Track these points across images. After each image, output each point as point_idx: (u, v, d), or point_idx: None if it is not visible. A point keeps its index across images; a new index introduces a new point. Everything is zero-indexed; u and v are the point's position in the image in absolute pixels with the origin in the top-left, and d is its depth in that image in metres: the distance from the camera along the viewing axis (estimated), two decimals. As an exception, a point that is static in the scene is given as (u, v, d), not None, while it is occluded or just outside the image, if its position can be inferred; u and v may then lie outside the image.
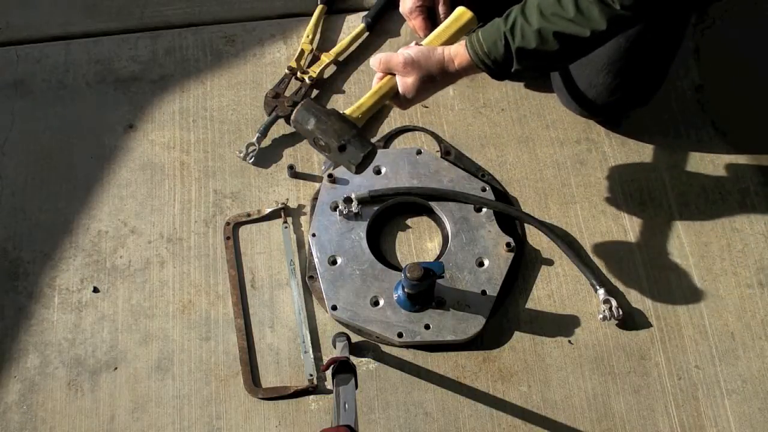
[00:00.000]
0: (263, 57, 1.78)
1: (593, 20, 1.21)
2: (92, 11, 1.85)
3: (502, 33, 1.26)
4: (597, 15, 1.20)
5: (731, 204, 1.60)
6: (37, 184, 1.64)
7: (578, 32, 1.23)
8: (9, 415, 1.43)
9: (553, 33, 1.23)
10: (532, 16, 1.24)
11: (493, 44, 1.27)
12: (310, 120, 1.26)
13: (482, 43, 1.28)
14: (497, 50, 1.27)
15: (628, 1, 1.18)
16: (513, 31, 1.26)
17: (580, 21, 1.22)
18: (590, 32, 1.22)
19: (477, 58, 1.29)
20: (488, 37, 1.28)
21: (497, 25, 1.28)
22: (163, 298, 1.53)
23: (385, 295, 1.48)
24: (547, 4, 1.24)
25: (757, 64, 1.75)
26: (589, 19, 1.21)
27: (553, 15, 1.23)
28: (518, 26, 1.25)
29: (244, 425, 1.42)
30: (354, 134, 1.24)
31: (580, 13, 1.21)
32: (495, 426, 1.41)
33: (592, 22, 1.21)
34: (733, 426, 1.41)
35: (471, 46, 1.30)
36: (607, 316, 1.46)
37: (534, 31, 1.24)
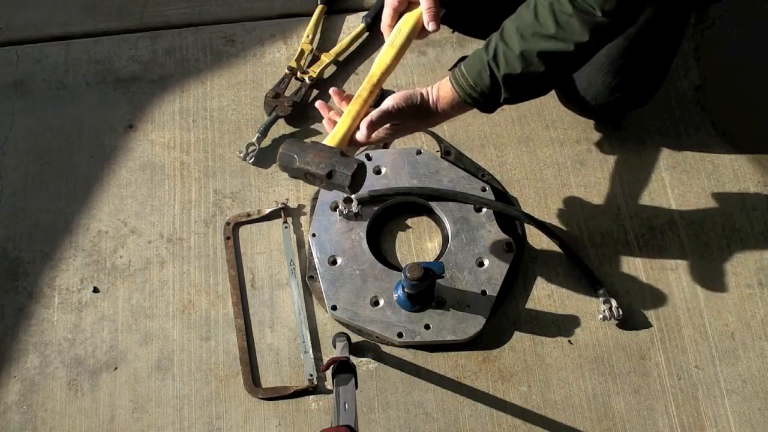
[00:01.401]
0: (263, 57, 1.78)
1: (575, 33, 1.18)
2: (92, 11, 1.85)
3: (486, 63, 1.23)
4: (578, 27, 1.17)
5: (731, 204, 1.60)
6: (37, 184, 1.64)
7: (561, 48, 1.19)
8: (9, 415, 1.43)
9: (537, 53, 1.20)
10: (512, 39, 1.21)
11: (478, 76, 1.24)
12: (293, 159, 1.27)
13: (466, 77, 1.25)
14: (483, 81, 1.24)
15: (609, 6, 1.15)
16: (496, 58, 1.22)
17: (562, 36, 1.19)
18: (574, 45, 1.19)
19: (464, 93, 1.26)
20: (472, 69, 1.25)
21: (479, 55, 1.25)
22: (163, 298, 1.53)
23: (385, 295, 1.48)
24: (526, 24, 1.21)
25: (757, 64, 1.75)
26: (570, 32, 1.18)
27: (533, 35, 1.20)
28: (500, 53, 1.22)
29: (244, 425, 1.42)
30: (337, 159, 1.24)
31: (561, 27, 1.18)
32: (495, 426, 1.41)
33: (574, 34, 1.18)
34: (733, 426, 1.41)
35: (456, 82, 1.26)
36: (607, 316, 1.46)
37: (517, 56, 1.21)
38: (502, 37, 1.23)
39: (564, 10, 1.18)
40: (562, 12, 1.18)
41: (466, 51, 1.77)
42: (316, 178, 1.27)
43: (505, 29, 1.24)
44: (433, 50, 1.78)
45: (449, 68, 1.30)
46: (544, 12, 1.20)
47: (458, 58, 1.31)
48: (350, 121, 1.32)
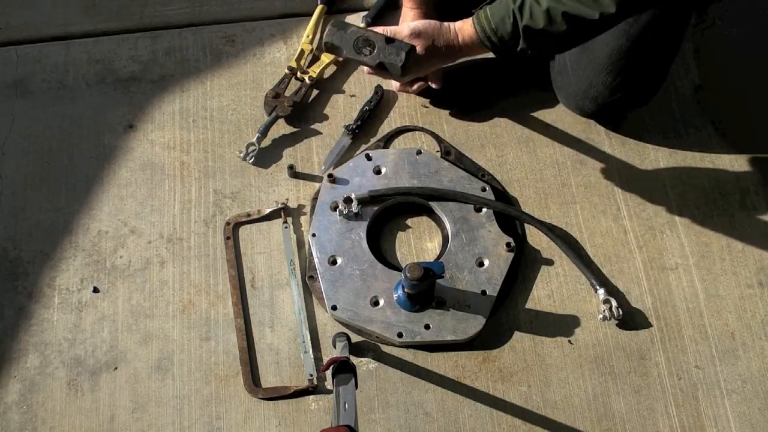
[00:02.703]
0: (263, 57, 1.78)
1: (603, 2, 1.22)
2: (92, 11, 1.85)
3: (510, 10, 1.27)
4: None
5: (731, 204, 1.60)
6: (37, 184, 1.64)
7: (587, 14, 1.23)
8: (9, 415, 1.43)
9: (562, 13, 1.24)
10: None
11: (501, 21, 1.27)
12: (349, 27, 1.39)
13: (490, 20, 1.28)
14: (504, 27, 1.27)
15: None
16: (522, 8, 1.26)
17: (590, 3, 1.22)
18: (599, 15, 1.23)
19: (483, 34, 1.29)
20: (496, 14, 1.28)
21: (506, 2, 1.28)
22: (163, 298, 1.53)
23: (385, 295, 1.48)
24: None
25: (757, 64, 1.75)
26: (599, 1, 1.22)
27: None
28: (527, 4, 1.26)
29: (244, 425, 1.42)
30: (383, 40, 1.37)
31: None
32: (495, 426, 1.41)
33: (602, 4, 1.22)
34: (733, 426, 1.41)
35: (478, 22, 1.30)
36: (607, 316, 1.46)
37: (543, 11, 1.24)
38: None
39: None
40: None
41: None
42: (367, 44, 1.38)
43: None
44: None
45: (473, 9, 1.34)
46: None
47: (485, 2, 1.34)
48: None
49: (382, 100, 1.71)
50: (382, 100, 1.71)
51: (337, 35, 1.40)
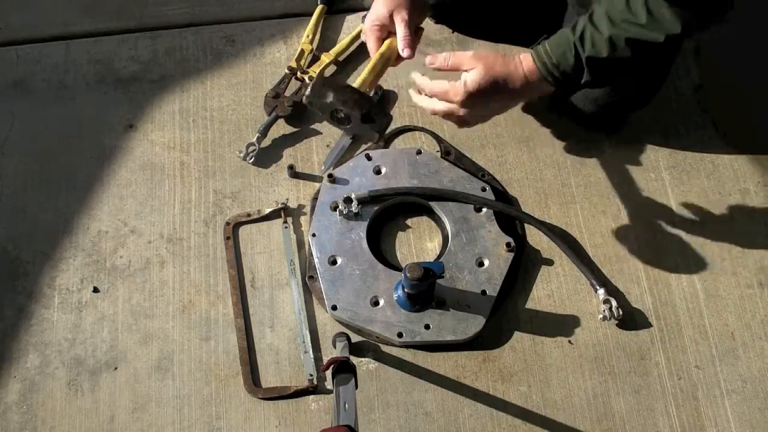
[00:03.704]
0: (263, 57, 1.78)
1: (667, 24, 1.18)
2: (92, 11, 1.85)
3: (571, 43, 1.22)
4: (671, 18, 1.18)
5: (731, 204, 1.60)
6: (37, 184, 1.64)
7: (652, 38, 1.19)
8: (9, 415, 1.43)
9: (626, 40, 1.20)
10: (601, 23, 1.21)
11: (562, 55, 1.23)
12: (328, 94, 1.28)
13: (550, 55, 1.23)
14: (566, 61, 1.23)
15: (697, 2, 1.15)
16: (582, 39, 1.22)
17: (654, 26, 1.19)
18: (665, 37, 1.19)
19: (545, 70, 1.24)
20: (556, 48, 1.23)
21: (565, 35, 1.24)
22: (163, 298, 1.53)
23: (385, 295, 1.48)
24: (617, 11, 1.21)
25: (757, 64, 1.75)
26: (663, 23, 1.18)
27: (623, 21, 1.19)
28: (588, 35, 1.21)
29: (244, 425, 1.42)
30: (373, 104, 1.29)
31: (653, 17, 1.18)
32: (495, 426, 1.41)
33: (666, 26, 1.18)
34: (733, 426, 1.41)
35: (538, 58, 1.25)
36: (607, 316, 1.46)
37: (605, 39, 1.20)
38: (590, 19, 1.23)
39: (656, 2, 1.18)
40: (655, 2, 1.18)
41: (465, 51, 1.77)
42: (344, 119, 1.30)
43: (594, 13, 1.23)
44: (433, 50, 1.78)
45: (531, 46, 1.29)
46: (636, 3, 1.20)
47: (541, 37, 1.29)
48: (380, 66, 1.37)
49: (382, 100, 1.70)
50: (382, 100, 1.70)
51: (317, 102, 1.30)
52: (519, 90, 1.27)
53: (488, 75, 1.25)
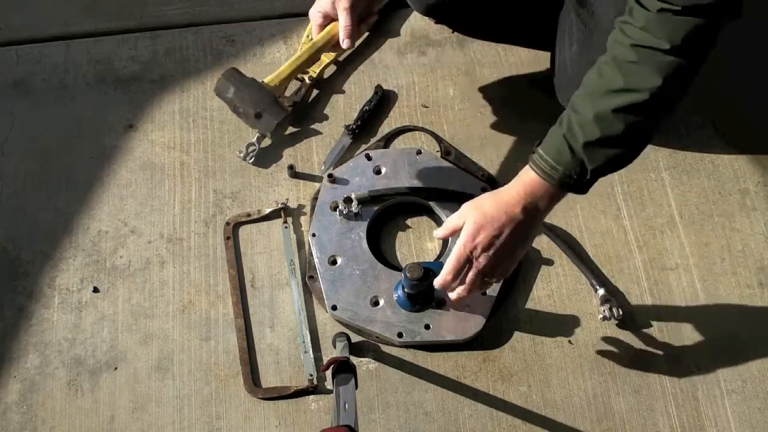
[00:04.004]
0: (263, 57, 1.78)
1: (644, 78, 1.09)
2: (92, 11, 1.85)
3: (561, 137, 1.15)
4: (646, 71, 1.09)
5: (731, 204, 1.60)
6: (37, 184, 1.64)
7: (636, 99, 1.10)
8: (9, 415, 1.43)
9: (612, 111, 1.10)
10: (583, 106, 1.14)
11: (557, 153, 1.15)
12: (229, 89, 1.41)
13: (545, 158, 1.16)
14: (564, 158, 1.14)
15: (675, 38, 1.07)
16: (571, 130, 1.14)
17: (632, 85, 1.10)
18: (648, 93, 1.09)
19: (546, 175, 1.16)
20: (549, 149, 1.16)
21: (554, 132, 1.17)
22: (163, 298, 1.53)
23: (385, 295, 1.48)
24: (593, 87, 1.14)
25: (757, 64, 1.75)
26: (639, 79, 1.10)
27: (603, 95, 1.12)
28: (574, 122, 1.14)
29: (244, 425, 1.42)
30: (270, 102, 1.39)
31: (628, 77, 1.10)
32: (495, 426, 1.41)
33: (644, 80, 1.09)
34: (733, 426, 1.41)
35: (536, 166, 1.17)
36: (607, 316, 1.46)
37: (591, 120, 1.12)
38: (573, 107, 1.16)
39: (627, 58, 1.10)
40: (625, 62, 1.10)
41: (466, 51, 1.77)
42: (243, 114, 1.41)
43: (573, 99, 1.16)
44: (433, 50, 1.78)
45: None
46: (607, 68, 1.13)
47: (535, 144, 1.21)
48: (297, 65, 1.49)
49: (382, 100, 1.71)
50: (383, 100, 1.71)
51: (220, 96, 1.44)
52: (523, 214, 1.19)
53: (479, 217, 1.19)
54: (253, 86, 1.41)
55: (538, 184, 1.19)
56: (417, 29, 1.81)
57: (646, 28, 1.10)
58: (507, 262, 1.26)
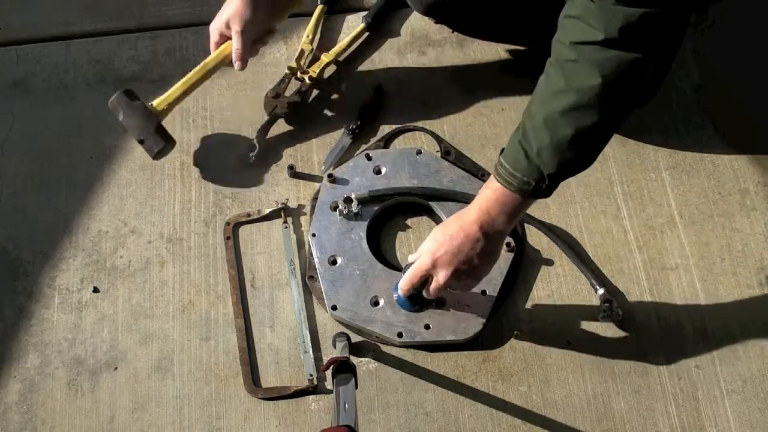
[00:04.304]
0: (263, 57, 1.78)
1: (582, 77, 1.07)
2: (92, 11, 1.85)
3: (517, 144, 1.15)
4: (583, 69, 1.06)
5: (731, 204, 1.60)
6: (37, 184, 1.64)
7: (578, 101, 1.08)
8: (9, 415, 1.43)
9: (559, 114, 1.09)
10: (535, 112, 1.13)
11: (514, 160, 1.15)
12: (119, 113, 1.54)
13: (505, 166, 1.16)
14: (520, 165, 1.14)
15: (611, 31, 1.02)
16: (526, 135, 1.14)
17: (572, 85, 1.08)
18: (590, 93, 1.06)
19: (506, 183, 1.16)
20: (508, 157, 1.16)
21: (512, 140, 1.17)
22: (163, 298, 1.53)
23: (385, 295, 1.48)
24: (542, 91, 1.13)
25: (757, 64, 1.75)
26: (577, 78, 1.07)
27: (550, 98, 1.10)
28: (528, 129, 1.14)
29: (244, 425, 1.42)
30: (152, 131, 1.53)
31: (568, 76, 1.08)
32: (495, 426, 1.41)
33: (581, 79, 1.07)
34: (733, 426, 1.41)
35: (498, 175, 1.18)
36: (607, 316, 1.46)
37: (541, 126, 1.11)
38: (528, 113, 1.15)
39: (567, 57, 1.08)
40: (566, 61, 1.09)
41: (466, 51, 1.77)
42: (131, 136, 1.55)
43: (528, 105, 1.16)
44: (433, 50, 1.78)
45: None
46: (552, 70, 1.12)
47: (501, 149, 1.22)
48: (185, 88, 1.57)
49: (382, 100, 1.70)
50: (383, 100, 1.71)
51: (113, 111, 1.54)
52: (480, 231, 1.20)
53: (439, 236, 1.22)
54: (139, 112, 1.53)
55: (499, 194, 1.19)
56: (417, 29, 1.81)
57: (582, 17, 1.06)
58: (468, 279, 1.29)
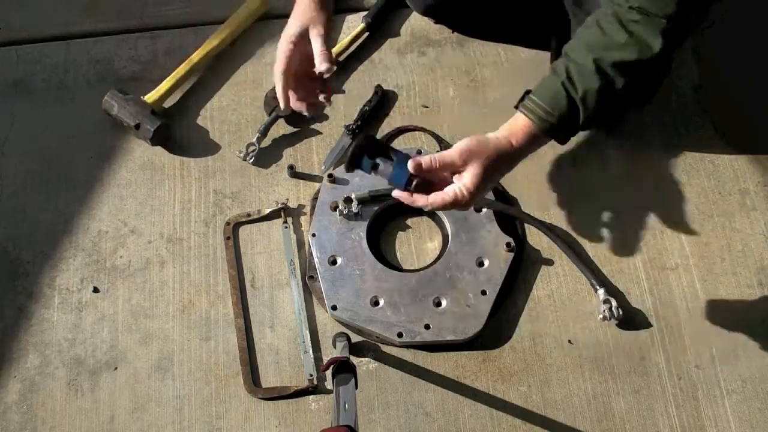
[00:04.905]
0: (263, 57, 1.78)
1: (647, 38, 1.15)
2: (92, 11, 1.85)
3: (560, 84, 1.17)
4: (649, 32, 1.14)
5: (731, 204, 1.60)
6: (37, 184, 1.64)
7: (636, 56, 1.15)
8: (9, 415, 1.43)
9: (612, 65, 1.15)
10: (583, 57, 1.17)
11: (553, 99, 1.18)
12: (113, 106, 1.63)
13: (540, 104, 1.18)
14: (559, 104, 1.17)
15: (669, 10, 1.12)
16: (570, 78, 1.17)
17: (635, 43, 1.15)
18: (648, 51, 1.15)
19: (540, 122, 1.18)
20: (545, 95, 1.18)
21: (550, 80, 1.19)
22: (163, 298, 1.53)
23: (385, 295, 1.48)
24: (593, 40, 1.17)
25: (757, 64, 1.75)
26: (642, 38, 1.15)
27: (603, 49, 1.16)
28: (573, 71, 1.17)
29: (244, 425, 1.42)
30: (146, 114, 1.62)
31: (632, 35, 1.15)
32: (495, 426, 1.41)
33: (646, 40, 1.15)
34: (733, 426, 1.41)
35: (530, 112, 1.19)
36: (607, 316, 1.46)
37: (593, 71, 1.15)
38: (569, 57, 1.18)
39: (631, 18, 1.15)
40: (630, 21, 1.15)
41: (466, 51, 1.77)
42: (126, 126, 1.63)
43: (570, 50, 1.19)
44: (433, 50, 1.78)
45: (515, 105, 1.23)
46: (609, 25, 1.16)
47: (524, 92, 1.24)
48: (173, 81, 1.68)
49: (382, 100, 1.70)
50: (383, 100, 1.71)
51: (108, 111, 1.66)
52: (514, 160, 1.23)
53: (484, 170, 1.18)
54: (133, 101, 1.64)
55: (530, 132, 1.20)
56: (417, 29, 1.81)
57: None
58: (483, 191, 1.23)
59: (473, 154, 1.18)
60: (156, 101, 1.67)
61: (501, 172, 1.22)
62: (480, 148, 1.19)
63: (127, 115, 1.63)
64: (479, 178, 1.18)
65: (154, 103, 1.67)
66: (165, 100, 1.69)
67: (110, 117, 1.66)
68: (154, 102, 1.67)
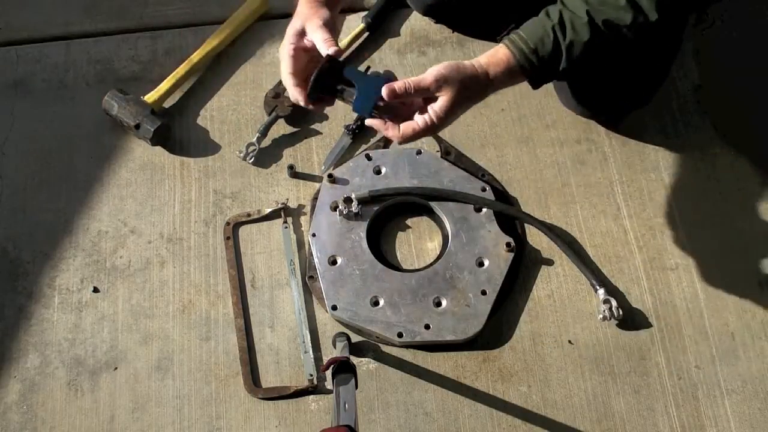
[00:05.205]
0: (263, 57, 1.78)
1: (644, 8, 1.16)
2: (92, 11, 1.85)
3: (549, 28, 1.18)
4: (647, 3, 1.16)
5: (731, 204, 1.60)
6: (37, 184, 1.64)
7: (629, 20, 1.16)
8: (9, 415, 1.43)
9: (604, 22, 1.17)
10: (578, 7, 1.18)
11: (540, 40, 1.18)
12: (113, 106, 1.64)
13: (526, 41, 1.19)
14: (545, 47, 1.18)
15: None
16: (562, 23, 1.18)
17: (632, 8, 1.16)
18: (643, 19, 1.16)
19: (522, 57, 1.19)
20: (533, 34, 1.19)
21: (540, 21, 1.21)
22: (163, 298, 1.53)
23: (385, 295, 1.48)
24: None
25: (757, 64, 1.75)
26: (639, 6, 1.16)
27: (600, 3, 1.17)
28: (566, 18, 1.18)
29: (244, 425, 1.42)
30: (146, 114, 1.63)
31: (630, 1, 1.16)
32: (495, 426, 1.41)
33: (645, 8, 1.16)
34: (733, 426, 1.41)
35: (514, 46, 1.20)
36: (607, 316, 1.46)
37: (585, 23, 1.17)
38: (564, 4, 1.20)
39: None
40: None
41: (466, 51, 1.77)
42: (128, 126, 1.64)
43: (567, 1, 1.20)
44: (433, 50, 1.78)
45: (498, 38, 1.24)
46: None
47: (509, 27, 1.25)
48: (173, 81, 1.69)
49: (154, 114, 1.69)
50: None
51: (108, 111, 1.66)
52: (486, 91, 1.22)
53: (456, 97, 1.18)
54: (134, 101, 1.65)
55: (508, 65, 1.20)
56: (417, 29, 1.81)
57: None
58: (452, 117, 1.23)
59: (448, 80, 1.18)
60: (156, 101, 1.67)
61: (472, 101, 1.22)
62: (455, 74, 1.18)
63: (127, 115, 1.63)
64: (451, 104, 1.18)
65: (154, 103, 1.67)
66: (165, 100, 1.70)
67: (110, 117, 1.66)
68: (154, 102, 1.67)
